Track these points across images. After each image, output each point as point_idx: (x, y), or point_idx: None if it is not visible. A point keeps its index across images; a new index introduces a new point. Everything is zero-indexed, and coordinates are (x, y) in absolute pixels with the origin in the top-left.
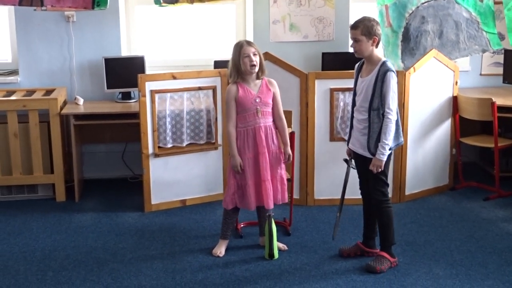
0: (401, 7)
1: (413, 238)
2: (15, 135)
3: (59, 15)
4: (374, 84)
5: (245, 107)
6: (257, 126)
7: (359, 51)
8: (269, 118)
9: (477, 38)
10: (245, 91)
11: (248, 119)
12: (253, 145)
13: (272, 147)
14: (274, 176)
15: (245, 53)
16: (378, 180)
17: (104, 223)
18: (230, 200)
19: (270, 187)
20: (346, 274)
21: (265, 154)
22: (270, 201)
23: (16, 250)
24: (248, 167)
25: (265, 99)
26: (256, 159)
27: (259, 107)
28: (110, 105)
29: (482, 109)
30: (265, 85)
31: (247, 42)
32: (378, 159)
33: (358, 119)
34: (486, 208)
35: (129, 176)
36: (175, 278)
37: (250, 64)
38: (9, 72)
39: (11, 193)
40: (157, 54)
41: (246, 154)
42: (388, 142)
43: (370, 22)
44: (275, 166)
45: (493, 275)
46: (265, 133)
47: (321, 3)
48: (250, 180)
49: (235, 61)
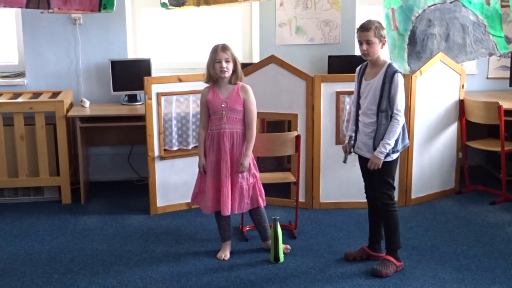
0: (407, 10)
1: (419, 242)
2: (21, 137)
3: (66, 18)
4: (381, 86)
5: (213, 110)
6: (222, 131)
7: (371, 53)
8: (237, 124)
9: (483, 41)
10: (214, 95)
11: (215, 123)
12: (217, 149)
13: (237, 154)
14: (235, 184)
15: (217, 59)
16: (385, 183)
17: (109, 225)
18: (194, 198)
19: (227, 193)
20: (352, 278)
21: (227, 160)
22: (226, 208)
23: (22, 252)
24: (210, 170)
25: (232, 105)
26: (218, 164)
27: (225, 112)
28: (116, 107)
29: (489, 113)
30: (236, 91)
31: (222, 47)
32: (376, 157)
33: (365, 122)
34: (492, 212)
35: (135, 179)
36: (181, 281)
37: (220, 70)
38: (16, 75)
39: (17, 195)
40: (163, 56)
41: (210, 157)
42: (390, 142)
43: (380, 25)
44: (236, 174)
45: (499, 279)
46: (230, 139)
47: (327, 6)
48: (210, 184)
49: (208, 64)
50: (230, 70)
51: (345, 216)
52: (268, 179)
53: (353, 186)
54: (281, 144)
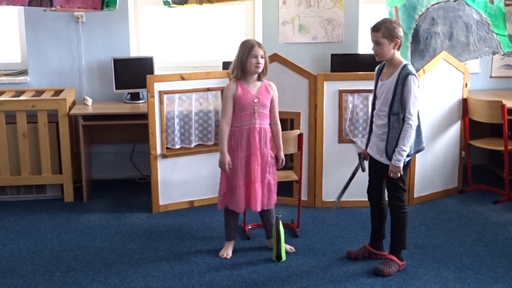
0: (410, 9)
1: (421, 241)
2: (24, 135)
3: (69, 16)
4: (394, 88)
5: (242, 106)
6: (252, 126)
7: (380, 54)
8: (265, 120)
9: (487, 40)
10: (244, 90)
11: (243, 119)
12: (246, 145)
13: (264, 150)
14: (263, 180)
15: (254, 54)
16: (396, 186)
17: (112, 223)
18: (221, 201)
19: (259, 189)
20: (354, 277)
21: (257, 155)
22: (258, 204)
23: (24, 250)
24: (240, 167)
25: (263, 100)
26: (248, 160)
27: (256, 108)
28: (118, 105)
29: (492, 112)
30: (265, 87)
31: (258, 43)
32: (394, 165)
33: (377, 124)
34: (495, 212)
35: (137, 177)
36: (183, 279)
37: (256, 65)
38: (19, 73)
39: (19, 193)
40: (166, 55)
41: (239, 153)
42: (405, 149)
43: (392, 24)
44: (265, 170)
45: (502, 279)
46: (259, 134)
47: (330, 4)
48: (240, 181)
49: (242, 59)
50: (263, 66)
51: (348, 215)
52: None
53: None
54: (284, 143)
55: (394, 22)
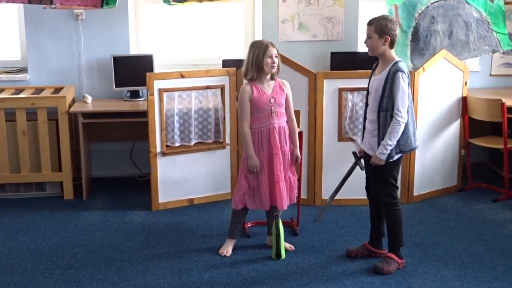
0: (410, 7)
1: (421, 239)
2: (23, 132)
3: (68, 13)
4: (384, 84)
5: (259, 108)
6: (271, 126)
7: (370, 48)
8: (282, 118)
9: (487, 38)
10: (259, 92)
11: (262, 120)
12: (267, 146)
13: (285, 148)
14: (285, 177)
15: (269, 54)
16: (388, 183)
17: (111, 221)
18: (240, 200)
19: (284, 188)
20: (354, 275)
21: (279, 155)
22: (284, 202)
23: (23, 248)
24: (263, 168)
25: (279, 100)
26: (270, 160)
27: (274, 108)
28: (118, 103)
29: (492, 110)
30: (279, 86)
31: (271, 43)
32: (378, 157)
33: (369, 119)
34: (495, 210)
35: (137, 175)
36: (182, 277)
37: (271, 65)
38: (18, 70)
39: (19, 191)
40: (165, 52)
41: (261, 155)
42: (391, 143)
43: (385, 21)
44: (286, 168)
45: (501, 277)
46: (279, 134)
47: (330, 3)
48: (265, 181)
49: (258, 59)
50: (277, 66)
51: (347, 213)
52: None
53: (355, 183)
54: None
55: (390, 20)
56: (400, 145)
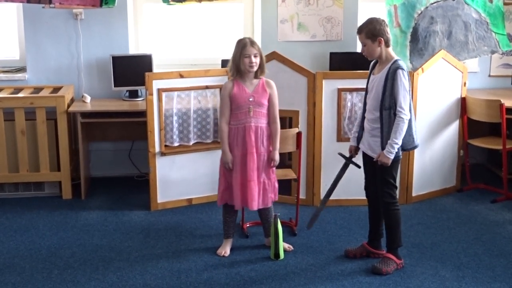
0: (410, 7)
1: (419, 240)
2: (22, 132)
3: (67, 13)
4: (384, 82)
5: (238, 105)
6: (247, 125)
7: (368, 54)
8: (261, 119)
9: (486, 39)
10: (240, 89)
11: (240, 118)
12: (242, 144)
13: (261, 149)
14: (259, 179)
15: (246, 53)
16: (387, 182)
17: (110, 221)
18: (221, 197)
19: (255, 188)
20: (352, 276)
21: (253, 154)
22: (254, 203)
23: (22, 247)
24: (236, 165)
25: (259, 99)
26: (244, 158)
27: (252, 106)
28: (117, 103)
29: (491, 111)
30: (262, 85)
31: (250, 42)
32: (385, 156)
33: (368, 118)
34: (493, 211)
35: (136, 175)
36: (180, 277)
37: (249, 65)
38: (17, 69)
39: (17, 190)
40: (164, 52)
41: (235, 152)
42: (398, 141)
43: (373, 24)
44: (261, 169)
45: (500, 278)
46: (255, 133)
47: (329, 3)
48: (236, 179)
49: (236, 58)
50: (257, 65)
51: (346, 213)
52: None
53: (353, 183)
54: (282, 141)
55: (376, 22)
56: (403, 143)
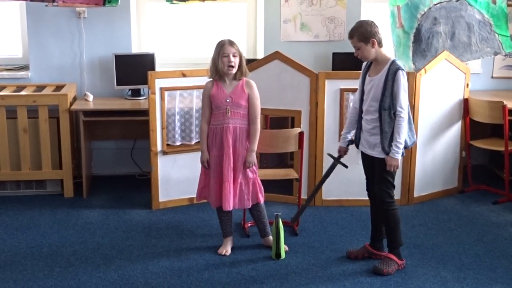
0: (413, 8)
1: (421, 240)
2: (24, 130)
3: (70, 11)
4: (384, 84)
5: (217, 105)
6: (225, 125)
7: (363, 57)
8: (240, 120)
9: (489, 40)
10: (218, 89)
11: (218, 118)
12: (219, 144)
13: (239, 150)
14: (236, 179)
15: (224, 53)
16: (385, 181)
17: (111, 219)
18: (199, 194)
19: (229, 189)
20: (353, 276)
21: (229, 155)
22: (228, 203)
23: (23, 245)
24: (214, 165)
25: (236, 100)
26: (221, 159)
27: (229, 107)
28: (119, 102)
29: (493, 112)
30: (241, 86)
31: (229, 42)
32: (393, 158)
33: (367, 119)
34: (495, 212)
35: (137, 173)
36: (182, 276)
37: (228, 65)
38: (20, 67)
39: (19, 188)
40: (167, 51)
41: (213, 151)
42: (401, 141)
43: (363, 27)
44: (238, 170)
45: (501, 279)
46: (233, 134)
47: (332, 3)
48: (213, 178)
49: (215, 59)
50: (237, 65)
51: (347, 214)
52: (271, 176)
53: (355, 183)
54: (284, 141)
55: (366, 23)
56: (406, 142)
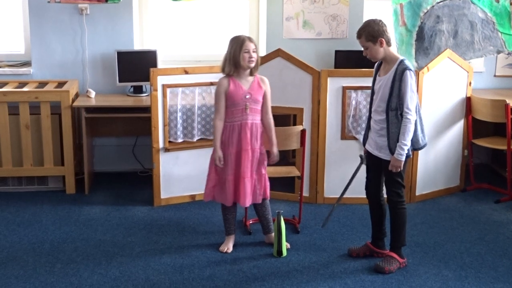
0: (416, 6)
1: (422, 239)
2: (26, 126)
3: (73, 8)
4: (391, 84)
5: (234, 102)
6: (243, 122)
7: (372, 56)
8: (257, 116)
9: (492, 39)
10: (236, 86)
11: (235, 115)
12: (237, 141)
13: (255, 146)
14: (252, 175)
15: (246, 48)
16: (395, 182)
17: (113, 216)
18: (209, 193)
19: (249, 185)
20: (355, 274)
21: (248, 151)
22: (247, 199)
23: (25, 241)
24: (230, 162)
25: (255, 96)
26: (238, 156)
27: (248, 103)
28: (121, 98)
29: (496, 111)
30: (257, 82)
31: (249, 38)
32: (396, 159)
33: (375, 119)
34: (497, 211)
35: (139, 170)
36: (183, 273)
37: (249, 60)
38: (22, 64)
39: (21, 185)
40: (169, 48)
41: (229, 149)
42: (407, 143)
43: (371, 26)
44: (255, 165)
45: (503, 278)
46: (250, 130)
47: (335, 1)
48: (230, 176)
49: (235, 54)
50: (255, 61)
51: (349, 212)
52: (273, 173)
53: (357, 181)
54: (286, 138)
55: (374, 23)
56: (413, 143)
